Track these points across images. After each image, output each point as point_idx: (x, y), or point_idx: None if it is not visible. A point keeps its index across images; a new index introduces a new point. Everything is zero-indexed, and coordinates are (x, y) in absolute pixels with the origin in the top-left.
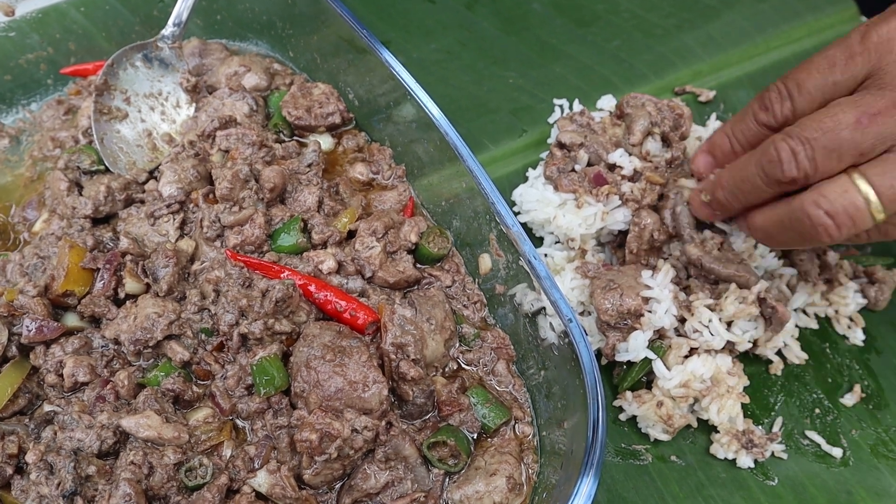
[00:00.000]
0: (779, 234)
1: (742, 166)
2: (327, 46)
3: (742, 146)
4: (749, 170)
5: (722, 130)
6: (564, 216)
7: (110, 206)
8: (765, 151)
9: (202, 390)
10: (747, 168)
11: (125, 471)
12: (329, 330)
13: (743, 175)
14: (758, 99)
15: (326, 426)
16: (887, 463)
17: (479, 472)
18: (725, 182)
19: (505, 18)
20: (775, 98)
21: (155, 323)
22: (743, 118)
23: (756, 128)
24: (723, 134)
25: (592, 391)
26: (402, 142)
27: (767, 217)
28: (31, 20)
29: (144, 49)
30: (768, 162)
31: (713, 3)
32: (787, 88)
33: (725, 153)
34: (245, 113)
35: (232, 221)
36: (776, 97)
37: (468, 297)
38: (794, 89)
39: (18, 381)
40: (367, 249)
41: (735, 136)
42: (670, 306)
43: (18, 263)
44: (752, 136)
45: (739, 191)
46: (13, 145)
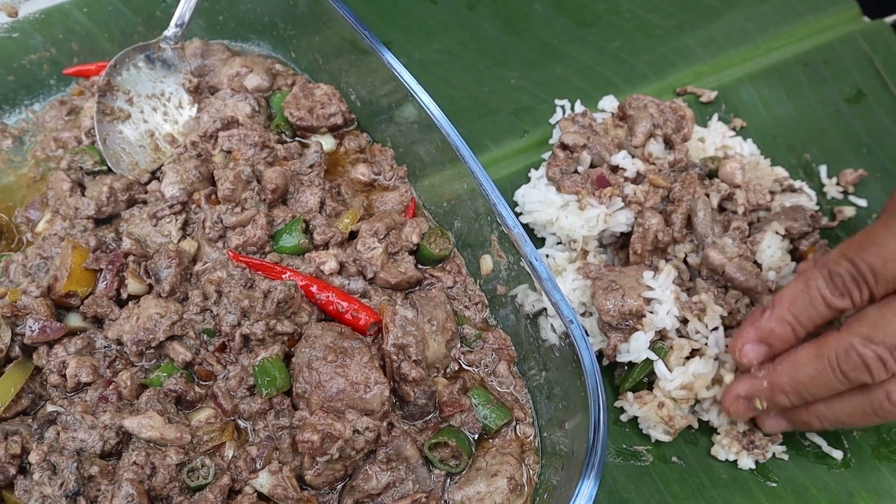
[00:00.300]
0: (854, 421)
1: (810, 367)
2: (329, 47)
3: (808, 331)
4: (822, 371)
5: (778, 317)
6: (567, 217)
7: (113, 206)
8: (844, 359)
9: (204, 391)
10: (818, 369)
11: (128, 471)
12: (331, 331)
13: (814, 377)
14: (826, 281)
15: (328, 427)
16: (888, 464)
17: (481, 473)
18: (788, 385)
19: (506, 19)
20: (851, 283)
21: (157, 324)
22: (808, 301)
23: (827, 311)
24: (781, 321)
25: (593, 392)
26: (403, 143)
27: (840, 409)
28: (34, 21)
29: (147, 50)
30: (853, 369)
31: (714, 4)
32: (863, 274)
33: (787, 342)
34: (247, 114)
35: (234, 222)
36: (851, 283)
37: (469, 298)
38: (869, 276)
39: (22, 381)
40: (369, 250)
41: (799, 321)
42: (672, 307)
43: (21, 264)
44: (821, 320)
45: (809, 393)
46: (16, 145)
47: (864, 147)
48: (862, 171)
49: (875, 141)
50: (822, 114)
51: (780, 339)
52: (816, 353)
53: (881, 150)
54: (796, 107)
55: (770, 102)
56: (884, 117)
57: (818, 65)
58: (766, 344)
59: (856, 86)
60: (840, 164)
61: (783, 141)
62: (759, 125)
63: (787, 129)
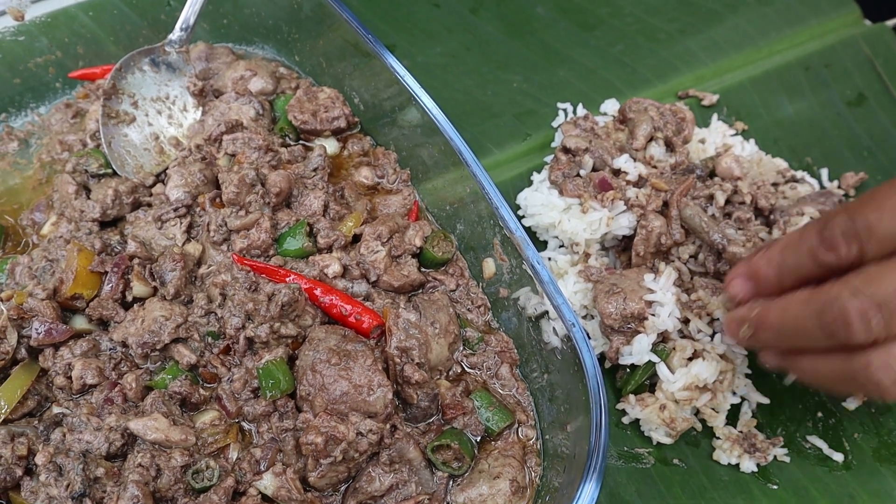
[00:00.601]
0: (831, 384)
1: (796, 312)
2: (333, 50)
3: (793, 283)
4: (805, 319)
5: (768, 257)
6: (569, 221)
7: (118, 209)
8: (828, 307)
9: (209, 393)
10: (803, 316)
11: (133, 473)
12: (334, 334)
13: (797, 323)
14: (817, 232)
15: (332, 429)
16: (889, 467)
17: (483, 475)
18: (773, 324)
19: (509, 22)
20: (841, 239)
21: (162, 326)
22: (797, 250)
23: (814, 265)
24: (769, 263)
25: (595, 395)
26: (406, 146)
27: (822, 367)
28: (40, 24)
29: (152, 53)
30: (833, 321)
31: (716, 8)
32: (855, 229)
33: (771, 285)
34: (251, 117)
35: (238, 225)
36: (842, 238)
37: (472, 300)
38: (864, 232)
39: (28, 383)
40: (372, 253)
41: (785, 268)
42: (673, 309)
43: (27, 266)
44: (807, 273)
45: (790, 337)
46: (22, 148)
47: (866, 150)
48: (863, 174)
49: (876, 144)
50: (823, 117)
51: (765, 282)
52: (809, 297)
53: (882, 153)
54: (797, 110)
55: (771, 105)
56: (885, 120)
57: (819, 68)
58: (753, 281)
59: (857, 89)
60: (841, 167)
61: (784, 144)
62: (760, 128)
63: (789, 132)
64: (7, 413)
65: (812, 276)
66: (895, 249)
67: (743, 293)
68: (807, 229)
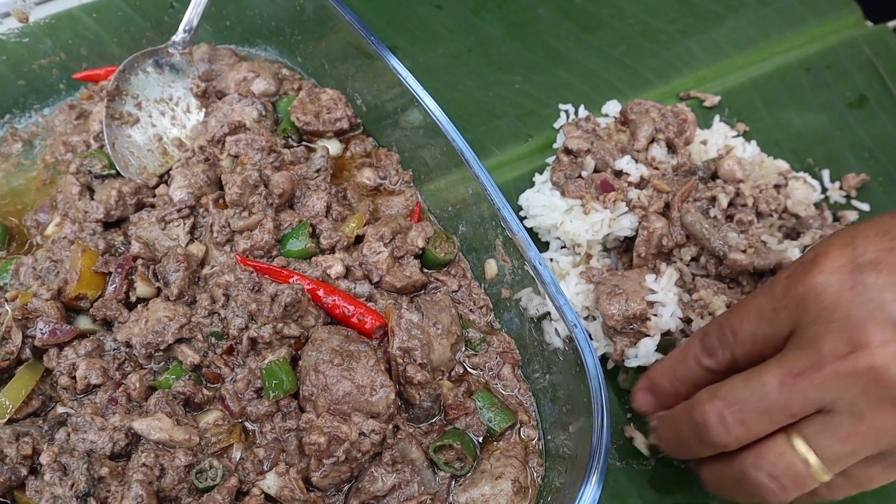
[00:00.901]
0: (731, 492)
1: (676, 423)
2: (335, 52)
3: (687, 390)
4: (683, 427)
5: (661, 371)
6: (571, 222)
7: (121, 210)
8: (693, 412)
9: (212, 393)
10: (681, 424)
11: (137, 472)
12: (337, 334)
13: (678, 433)
14: (700, 342)
15: (334, 429)
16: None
17: (485, 476)
18: (664, 435)
19: (511, 24)
20: (716, 344)
21: (166, 326)
22: (685, 360)
23: (700, 371)
24: (663, 375)
25: (597, 396)
26: (409, 147)
27: (715, 474)
28: (44, 26)
29: (155, 55)
30: (696, 424)
31: (717, 9)
32: (723, 336)
33: (668, 396)
34: (254, 118)
35: (241, 226)
36: (717, 343)
37: (474, 301)
38: (730, 337)
39: (32, 382)
40: (375, 254)
41: (677, 377)
42: (675, 309)
43: (31, 267)
44: (697, 379)
45: (680, 450)
46: (26, 149)
47: (867, 151)
48: (864, 175)
49: (877, 145)
50: (824, 118)
51: (663, 392)
52: (684, 406)
53: (883, 155)
54: (799, 111)
55: (773, 107)
56: (886, 122)
57: (821, 69)
58: (653, 393)
59: (858, 90)
60: (842, 169)
61: (786, 145)
62: (761, 129)
63: (790, 134)
64: (12, 413)
65: (701, 384)
66: (760, 350)
67: (646, 406)
68: (691, 340)
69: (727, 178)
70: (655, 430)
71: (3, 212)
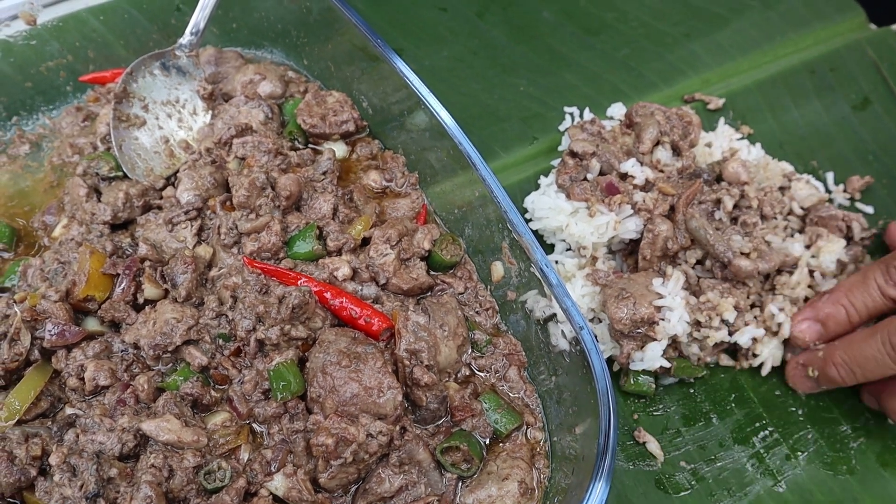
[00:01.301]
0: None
1: (864, 344)
2: (341, 55)
3: (861, 318)
4: (874, 348)
5: (833, 299)
6: (577, 224)
7: (128, 212)
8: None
9: (220, 395)
10: (871, 346)
11: (146, 473)
12: (344, 336)
13: (866, 353)
14: (883, 272)
15: (342, 431)
16: (893, 471)
17: (492, 477)
18: (841, 360)
19: (515, 27)
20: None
21: (174, 328)
22: (865, 289)
23: (882, 300)
24: (836, 303)
25: (604, 398)
26: (415, 150)
27: None
28: (51, 28)
29: (162, 57)
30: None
31: (721, 12)
32: None
33: (840, 323)
34: (260, 120)
35: (249, 228)
36: None
37: (480, 303)
38: None
39: (41, 384)
40: (382, 256)
41: (855, 306)
42: (683, 313)
43: (39, 268)
44: (876, 308)
45: (860, 368)
46: (34, 151)
47: (871, 154)
48: (868, 177)
49: (881, 148)
50: (828, 121)
51: (835, 321)
52: (871, 332)
53: (888, 157)
54: (803, 114)
55: (777, 109)
56: (890, 124)
57: (825, 72)
58: (822, 324)
59: (862, 93)
60: (847, 171)
61: (790, 148)
62: (766, 132)
63: (794, 136)
64: (21, 414)
65: (878, 313)
66: None
67: (811, 336)
68: (870, 271)
69: (732, 181)
70: (827, 358)
71: (10, 213)
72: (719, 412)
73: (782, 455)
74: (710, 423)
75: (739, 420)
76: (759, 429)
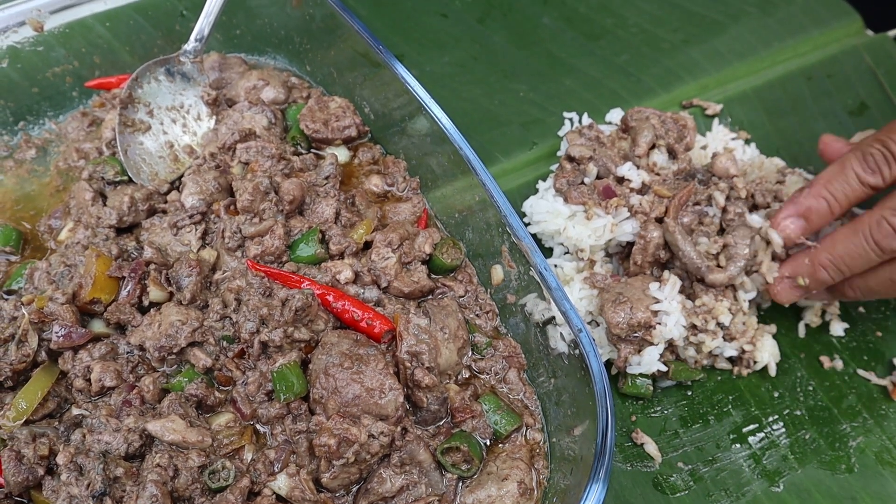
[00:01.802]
0: (884, 290)
1: (847, 242)
2: (343, 60)
3: (843, 207)
4: (857, 244)
5: (814, 193)
6: (574, 227)
7: (133, 216)
8: (877, 226)
9: (224, 396)
10: (854, 243)
11: (152, 472)
12: (346, 338)
13: (850, 250)
14: (859, 160)
15: (344, 431)
16: (892, 470)
17: (492, 477)
18: (828, 260)
19: (516, 32)
20: (881, 160)
21: (179, 330)
22: (843, 178)
23: (861, 188)
24: (817, 196)
25: (602, 400)
26: (416, 154)
27: (879, 280)
28: (57, 35)
29: (167, 63)
30: (885, 236)
31: (720, 18)
32: (891, 152)
33: (822, 215)
34: (264, 126)
35: (252, 232)
36: (882, 159)
37: (480, 306)
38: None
39: (48, 385)
40: (383, 260)
41: (835, 197)
42: (679, 317)
43: (45, 271)
44: (855, 197)
45: (847, 266)
46: (40, 156)
47: None
48: None
49: None
50: (825, 126)
51: (817, 214)
52: (852, 229)
53: None
54: (800, 119)
55: (774, 115)
56: None
57: (822, 78)
58: (804, 218)
59: (859, 98)
60: None
61: (787, 153)
62: (763, 137)
63: (791, 141)
64: (29, 414)
65: (857, 201)
66: None
67: (795, 231)
68: (847, 160)
69: (721, 174)
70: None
71: (17, 217)
72: (717, 413)
73: (780, 455)
74: (707, 424)
75: (737, 421)
76: (756, 429)
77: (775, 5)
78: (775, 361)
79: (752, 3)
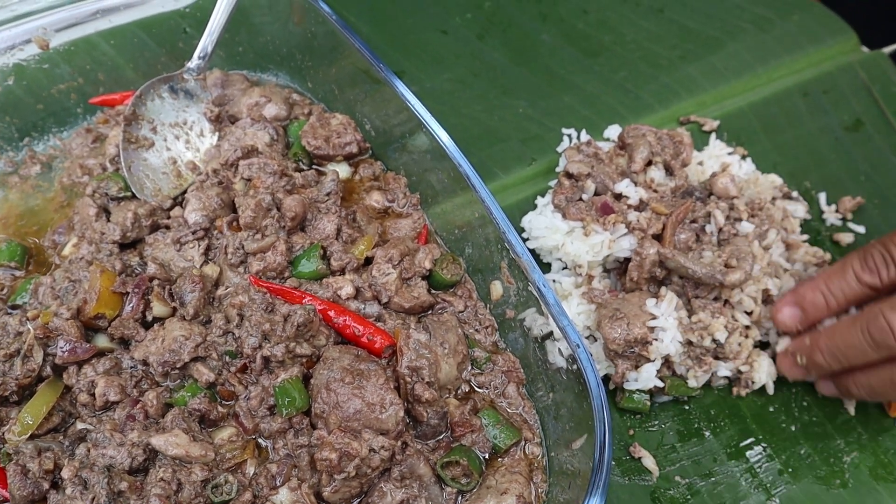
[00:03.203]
0: (885, 391)
1: (845, 332)
2: (345, 77)
3: (839, 304)
4: (854, 336)
5: (813, 286)
6: (572, 243)
7: (137, 231)
8: (873, 322)
9: (227, 410)
10: (851, 334)
11: (155, 486)
12: (348, 353)
13: (847, 341)
14: (860, 259)
15: (345, 446)
16: (886, 485)
17: (491, 491)
18: (825, 346)
19: (515, 49)
20: (881, 262)
21: (182, 345)
22: (842, 276)
23: (859, 287)
24: (815, 290)
25: (599, 414)
26: (416, 171)
27: (879, 379)
28: (62, 52)
29: (171, 81)
30: (880, 331)
31: (717, 35)
32: (890, 256)
33: (819, 309)
34: (266, 142)
35: (255, 248)
36: (881, 261)
37: (480, 321)
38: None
39: (53, 399)
40: (384, 276)
41: (832, 293)
42: (676, 334)
43: (49, 287)
44: (853, 295)
45: (843, 355)
46: (45, 171)
47: (863, 174)
48: (860, 198)
49: (873, 168)
50: (821, 142)
51: (813, 307)
52: (852, 320)
53: (879, 178)
54: (796, 135)
55: (771, 131)
56: (882, 145)
57: (818, 94)
58: (802, 309)
59: (854, 115)
60: (839, 192)
61: (783, 169)
62: (759, 153)
63: (788, 157)
64: (34, 429)
65: (855, 300)
66: None
67: (791, 320)
68: (848, 259)
69: (721, 195)
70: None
71: (22, 232)
72: (713, 428)
73: (776, 470)
74: (704, 438)
75: (733, 436)
76: (752, 444)
77: (771, 22)
78: (772, 380)
79: (748, 20)
